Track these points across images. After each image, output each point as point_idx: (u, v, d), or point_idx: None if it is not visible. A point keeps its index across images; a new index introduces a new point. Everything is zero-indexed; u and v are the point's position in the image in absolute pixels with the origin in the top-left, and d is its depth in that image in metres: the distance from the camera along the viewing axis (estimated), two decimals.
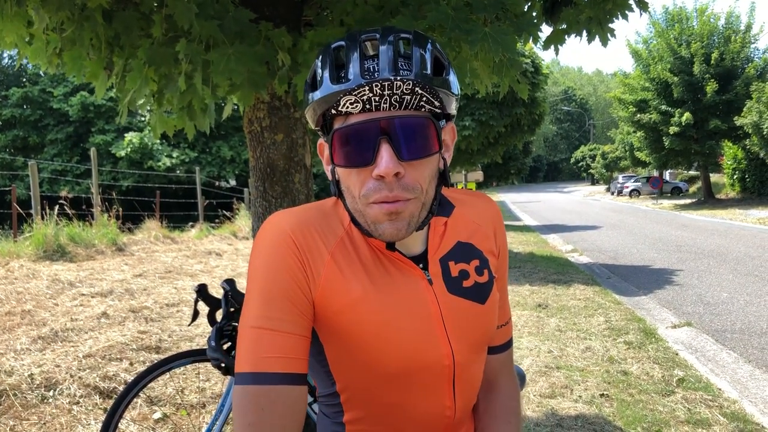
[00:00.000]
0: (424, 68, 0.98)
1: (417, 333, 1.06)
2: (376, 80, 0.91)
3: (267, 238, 1.05)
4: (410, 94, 0.93)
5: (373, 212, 0.99)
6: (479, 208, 1.22)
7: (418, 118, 0.97)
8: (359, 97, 0.92)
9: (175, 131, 3.29)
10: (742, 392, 4.22)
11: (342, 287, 1.04)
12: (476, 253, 1.16)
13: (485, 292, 1.14)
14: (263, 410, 0.94)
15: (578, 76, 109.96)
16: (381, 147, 0.95)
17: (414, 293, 1.07)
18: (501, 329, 1.26)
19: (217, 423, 2.66)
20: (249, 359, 0.97)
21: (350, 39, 1.00)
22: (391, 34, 0.99)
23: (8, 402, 3.54)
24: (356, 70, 0.96)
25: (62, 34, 2.62)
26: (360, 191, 0.99)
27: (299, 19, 2.95)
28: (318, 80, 1.01)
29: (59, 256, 8.33)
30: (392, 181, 0.96)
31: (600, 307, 6.97)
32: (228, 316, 2.59)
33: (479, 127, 14.95)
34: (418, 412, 1.11)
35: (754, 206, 24.30)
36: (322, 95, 0.98)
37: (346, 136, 0.97)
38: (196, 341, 5.02)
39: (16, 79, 36.42)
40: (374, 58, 0.98)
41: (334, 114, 0.97)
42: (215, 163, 32.75)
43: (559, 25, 3.00)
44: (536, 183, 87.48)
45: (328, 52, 1.01)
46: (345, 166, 1.00)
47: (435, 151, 1.00)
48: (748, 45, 27.74)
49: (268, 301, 1.00)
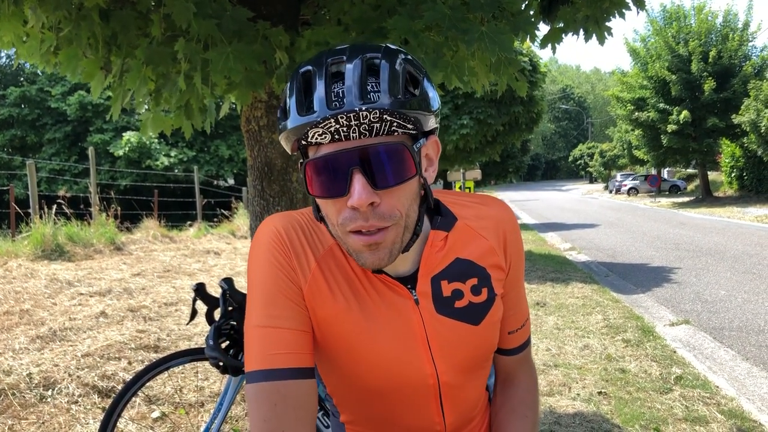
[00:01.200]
0: (394, 91, 0.92)
1: (398, 352, 1.06)
2: (341, 112, 0.88)
3: (261, 240, 1.07)
4: (379, 122, 0.90)
5: (352, 242, 0.97)
6: (488, 218, 1.16)
7: (391, 144, 0.93)
8: (326, 129, 0.89)
9: (172, 130, 3.29)
10: (739, 390, 4.23)
11: (326, 299, 1.05)
12: (475, 271, 1.11)
13: (480, 312, 1.11)
14: (276, 405, 0.96)
15: (576, 74, 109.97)
16: (353, 177, 0.92)
17: (398, 313, 1.06)
18: (516, 333, 1.24)
19: (216, 421, 2.66)
20: (258, 357, 0.99)
21: (317, 63, 0.95)
22: (359, 55, 0.93)
23: (7, 401, 3.54)
24: (321, 99, 0.91)
25: (59, 33, 2.61)
26: (337, 220, 0.97)
27: (297, 17, 2.95)
28: (287, 109, 0.97)
29: (57, 255, 8.32)
30: (367, 210, 0.93)
31: (598, 305, 6.97)
32: (226, 315, 2.59)
33: (477, 126, 14.96)
34: (407, 426, 1.12)
35: (752, 204, 24.34)
36: (291, 126, 0.95)
37: (318, 167, 0.95)
38: (195, 340, 5.02)
39: (13, 78, 36.34)
40: (341, 81, 0.93)
41: (304, 144, 0.95)
42: (213, 162, 32.70)
43: (556, 24, 3.00)
44: (534, 181, 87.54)
45: (296, 78, 0.97)
46: (321, 197, 0.97)
47: (411, 176, 0.96)
48: (745, 43, 27.78)
49: (269, 300, 1.02)
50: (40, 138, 33.68)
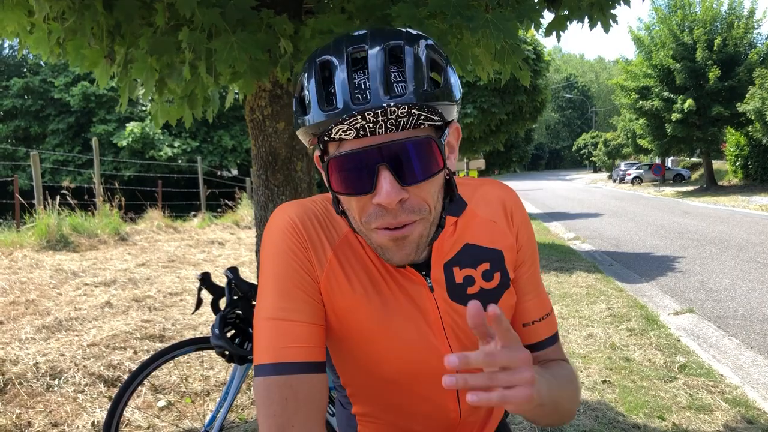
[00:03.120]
0: (420, 81, 0.88)
1: (416, 341, 1.04)
2: (367, 108, 0.83)
3: (274, 229, 1.04)
4: (407, 116, 0.86)
5: (378, 238, 0.95)
6: (491, 200, 1.15)
7: (418, 138, 0.89)
8: (351, 125, 0.85)
9: (177, 120, 3.29)
10: (743, 378, 4.23)
11: (343, 288, 1.03)
12: (486, 255, 1.10)
13: (492, 298, 1.09)
14: (286, 400, 0.94)
15: (580, 63, 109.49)
16: (380, 174, 0.88)
17: (415, 300, 1.05)
18: (540, 323, 1.17)
19: (222, 410, 2.68)
20: (268, 350, 0.96)
21: (336, 51, 0.90)
22: (381, 43, 0.89)
23: (14, 390, 3.56)
24: (345, 93, 0.87)
25: (63, 23, 2.61)
26: (361, 217, 0.94)
27: (300, 6, 2.94)
28: (307, 103, 0.93)
29: (62, 246, 8.35)
30: (396, 207, 0.90)
31: (602, 294, 6.98)
32: (231, 304, 2.60)
33: (481, 115, 14.92)
34: (422, 413, 1.11)
35: (757, 193, 24.25)
36: (313, 122, 0.90)
37: (341, 164, 0.90)
38: (200, 330, 5.05)
39: (17, 69, 36.33)
40: (363, 71, 0.89)
41: (327, 140, 0.90)
42: (217, 153, 32.70)
43: (561, 11, 2.98)
44: (538, 171, 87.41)
45: (314, 67, 0.92)
46: (345, 194, 0.93)
47: (439, 170, 0.92)
48: (751, 31, 27.59)
49: (281, 291, 0.99)
50: (43, 129, 33.72)
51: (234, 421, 3.46)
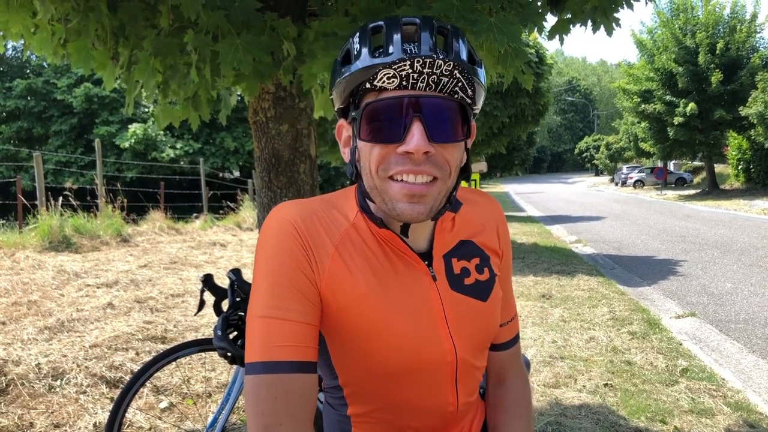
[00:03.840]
0: (461, 55, 0.98)
1: (420, 330, 1.05)
2: (418, 56, 0.90)
3: (271, 228, 1.05)
4: (449, 77, 0.92)
5: (393, 190, 0.98)
6: (483, 208, 1.22)
7: (452, 101, 0.96)
8: (398, 71, 0.91)
9: (180, 122, 3.30)
10: (746, 382, 4.23)
11: (347, 282, 1.03)
12: (477, 252, 1.16)
13: (486, 289, 1.14)
14: (276, 399, 0.94)
15: (582, 66, 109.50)
16: (413, 125, 0.94)
17: (418, 290, 1.07)
18: (506, 326, 1.27)
19: (224, 412, 2.68)
20: (259, 349, 0.96)
21: (391, 20, 1.00)
22: (432, 22, 0.99)
23: (16, 391, 3.57)
24: (398, 44, 0.96)
25: (67, 25, 2.62)
26: (379, 165, 0.98)
27: (304, 9, 2.95)
28: (354, 54, 1.00)
29: (64, 247, 8.36)
30: (421, 158, 0.95)
31: (604, 298, 6.97)
32: (234, 306, 2.60)
33: (483, 118, 14.92)
34: (421, 408, 1.11)
35: (759, 197, 24.23)
36: (361, 66, 0.97)
37: (378, 110, 0.96)
38: (202, 331, 5.05)
39: (20, 70, 36.38)
40: (414, 41, 0.97)
41: (366, 89, 0.96)
42: (219, 155, 32.69)
43: (564, 15, 2.99)
44: (540, 174, 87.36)
45: (366, 31, 1.00)
46: (372, 141, 0.98)
47: (463, 138, 1.00)
48: (753, 35, 27.58)
49: (275, 290, 0.99)
50: (46, 130, 33.73)
51: (236, 422, 3.46)
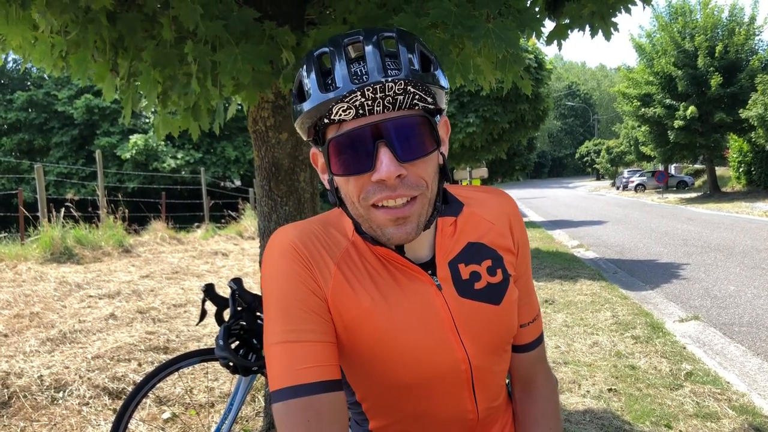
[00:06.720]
0: (412, 65, 0.94)
1: (429, 341, 1.04)
2: (366, 84, 0.88)
3: (273, 254, 1.05)
4: (403, 94, 0.90)
5: (377, 217, 0.97)
6: (492, 204, 1.18)
7: (414, 117, 0.94)
8: (351, 103, 0.89)
9: (180, 132, 3.30)
10: (750, 385, 4.21)
11: (350, 299, 1.02)
12: (488, 253, 1.12)
13: (499, 292, 1.11)
14: (309, 422, 0.92)
15: (582, 71, 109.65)
16: (379, 151, 0.92)
17: (423, 301, 1.05)
18: (528, 326, 1.24)
19: (226, 422, 2.67)
20: (284, 374, 0.95)
21: (333, 44, 0.96)
22: (375, 35, 0.95)
23: (18, 403, 3.56)
24: (345, 76, 0.92)
25: (66, 36, 2.63)
26: (360, 196, 0.96)
27: (302, 17, 2.96)
28: (306, 90, 0.97)
29: (66, 258, 8.37)
30: (395, 182, 0.93)
31: (607, 302, 6.96)
32: (236, 315, 2.60)
33: (483, 124, 14.92)
34: (440, 418, 1.10)
35: (761, 199, 24.20)
36: (313, 105, 0.94)
37: (341, 144, 0.94)
38: (204, 341, 5.04)
39: (20, 82, 36.51)
40: (360, 60, 0.94)
41: (326, 123, 0.94)
42: (220, 164, 32.74)
43: (562, 20, 2.99)
44: (541, 179, 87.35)
45: (312, 60, 0.97)
46: (344, 174, 0.96)
47: (434, 149, 0.97)
48: (752, 37, 27.59)
49: (288, 314, 0.98)
50: (47, 142, 33.81)
51: None
